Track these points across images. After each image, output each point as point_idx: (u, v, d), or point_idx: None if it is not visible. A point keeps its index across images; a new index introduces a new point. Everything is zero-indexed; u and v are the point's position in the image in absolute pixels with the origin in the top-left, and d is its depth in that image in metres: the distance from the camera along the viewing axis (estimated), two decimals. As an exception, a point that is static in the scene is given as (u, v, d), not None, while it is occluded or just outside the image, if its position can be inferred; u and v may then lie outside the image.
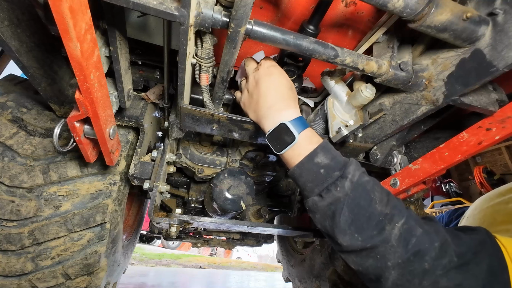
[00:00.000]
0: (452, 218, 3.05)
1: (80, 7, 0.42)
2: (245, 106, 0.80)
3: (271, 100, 0.70)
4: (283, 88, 0.72)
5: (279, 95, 0.70)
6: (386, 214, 0.57)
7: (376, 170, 1.39)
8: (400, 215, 0.58)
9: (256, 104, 0.73)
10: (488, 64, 0.58)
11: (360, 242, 0.57)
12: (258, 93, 0.72)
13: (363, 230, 0.57)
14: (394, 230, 0.56)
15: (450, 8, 0.58)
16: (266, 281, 5.57)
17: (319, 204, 0.62)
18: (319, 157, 0.63)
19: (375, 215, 0.57)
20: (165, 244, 7.82)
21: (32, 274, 0.95)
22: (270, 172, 1.52)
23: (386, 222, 0.57)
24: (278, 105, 0.69)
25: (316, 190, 0.62)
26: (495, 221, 1.33)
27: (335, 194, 0.59)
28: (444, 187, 5.70)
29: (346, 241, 0.58)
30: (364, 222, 0.57)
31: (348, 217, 0.58)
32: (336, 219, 0.59)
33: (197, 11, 0.55)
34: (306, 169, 0.64)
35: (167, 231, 1.63)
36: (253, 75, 0.75)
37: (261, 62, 0.75)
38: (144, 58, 1.04)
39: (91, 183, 1.03)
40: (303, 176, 0.64)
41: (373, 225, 0.56)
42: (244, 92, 0.79)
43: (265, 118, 0.71)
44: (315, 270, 1.92)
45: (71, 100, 0.97)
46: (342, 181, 0.60)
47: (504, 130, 0.65)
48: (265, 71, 0.72)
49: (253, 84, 0.74)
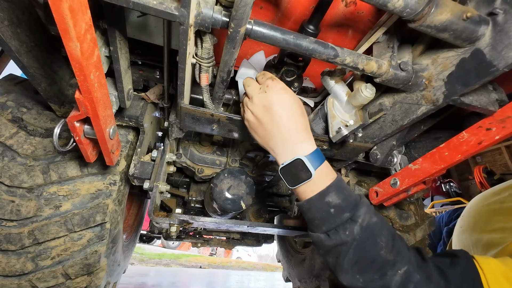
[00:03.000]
0: (452, 218, 3.05)
1: (80, 7, 0.42)
2: (251, 129, 0.73)
3: (285, 131, 0.64)
4: (298, 117, 0.65)
5: (294, 126, 0.64)
6: (389, 261, 0.58)
7: (376, 170, 1.39)
8: (402, 262, 0.59)
9: (265, 132, 0.67)
10: (488, 64, 0.58)
11: (361, 284, 0.58)
12: (269, 121, 0.65)
13: (365, 273, 0.58)
14: (396, 276, 0.57)
15: (450, 8, 0.58)
16: (266, 281, 5.57)
17: (325, 243, 0.62)
18: (330, 196, 0.62)
19: (378, 260, 0.58)
20: (165, 244, 7.82)
21: (32, 274, 0.95)
22: (270, 172, 1.52)
23: (388, 268, 0.58)
24: (294, 138, 0.64)
25: (324, 228, 0.62)
26: (490, 220, 1.34)
27: (343, 237, 0.59)
28: (444, 187, 5.69)
29: (347, 281, 0.59)
30: (367, 266, 0.58)
31: (352, 259, 0.59)
32: (340, 260, 0.60)
33: (197, 11, 0.55)
34: (316, 207, 0.63)
35: (167, 231, 1.63)
36: (260, 99, 0.66)
37: (268, 84, 0.67)
38: (144, 58, 1.04)
39: (91, 183, 1.03)
40: (312, 212, 0.64)
41: (375, 269, 0.58)
42: (248, 113, 0.71)
43: (278, 149, 0.66)
44: (315, 270, 1.92)
45: (71, 100, 0.97)
46: (352, 224, 0.60)
47: (504, 130, 0.65)
48: (276, 97, 0.65)
49: (261, 109, 0.66)
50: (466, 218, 1.56)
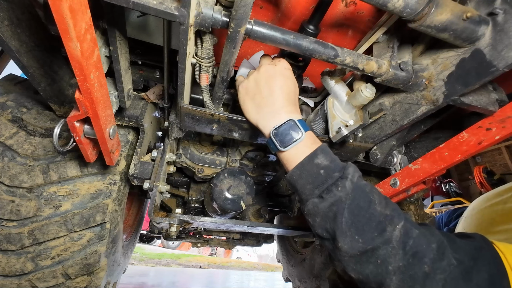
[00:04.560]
0: (451, 218, 3.05)
1: (80, 7, 0.42)
2: (246, 97, 0.75)
3: (283, 100, 0.70)
4: (294, 94, 0.74)
5: (292, 99, 0.72)
6: (386, 215, 0.57)
7: (376, 170, 1.39)
8: (399, 217, 0.58)
9: (262, 98, 0.71)
10: (488, 64, 0.58)
11: (361, 244, 0.56)
12: (270, 88, 0.70)
13: (364, 231, 0.56)
14: (395, 231, 0.56)
15: (450, 8, 0.58)
16: (266, 281, 5.58)
17: (320, 205, 0.61)
18: (319, 158, 0.63)
19: (375, 216, 0.57)
20: (165, 244, 7.82)
21: (32, 274, 0.95)
22: (270, 172, 1.52)
23: (387, 223, 0.56)
24: (289, 107, 0.70)
25: (316, 191, 0.62)
26: (494, 221, 1.34)
27: (337, 193, 0.59)
28: (444, 187, 5.70)
29: (347, 244, 0.57)
30: (364, 224, 0.57)
31: (348, 219, 0.57)
32: (338, 220, 0.58)
33: (197, 11, 0.55)
34: (306, 170, 0.64)
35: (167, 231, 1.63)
36: (266, 68, 0.72)
37: (280, 60, 0.74)
38: (144, 58, 1.04)
39: (91, 183, 1.03)
40: (303, 177, 0.64)
41: (373, 226, 0.56)
42: (249, 81, 0.74)
43: (273, 115, 0.70)
44: (315, 270, 1.92)
45: (71, 100, 0.97)
46: (343, 181, 0.60)
47: (504, 130, 0.65)
48: (283, 71, 0.72)
49: (264, 76, 0.71)
50: (469, 219, 1.55)
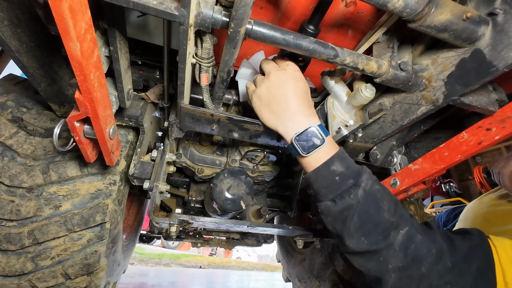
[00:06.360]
0: (450, 218, 3.05)
1: (80, 7, 0.42)
2: (262, 105, 0.75)
3: (299, 105, 0.71)
4: (308, 95, 0.75)
5: (306, 102, 0.73)
6: (392, 222, 0.62)
7: (376, 170, 1.39)
8: (405, 223, 0.62)
9: (278, 105, 0.72)
10: (488, 64, 0.58)
11: (366, 245, 0.61)
12: (284, 94, 0.70)
13: (370, 235, 0.61)
14: (398, 236, 0.61)
15: (450, 8, 0.58)
16: (266, 281, 5.58)
17: (332, 209, 0.65)
18: (335, 165, 0.66)
19: (382, 222, 0.61)
20: (165, 244, 7.82)
21: (32, 274, 0.95)
22: (270, 172, 1.52)
23: (392, 229, 0.61)
24: (307, 111, 0.71)
25: (330, 195, 0.66)
26: (489, 223, 1.34)
27: (348, 201, 0.63)
28: (444, 187, 5.69)
29: (353, 243, 0.63)
30: (371, 229, 0.62)
31: (357, 222, 0.62)
32: (347, 224, 0.63)
33: (197, 11, 0.55)
34: (322, 176, 0.67)
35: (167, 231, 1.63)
36: (278, 74, 0.72)
37: (288, 64, 0.74)
38: (144, 58, 1.04)
39: (91, 183, 1.03)
40: (318, 182, 0.68)
41: (379, 231, 0.61)
42: (262, 89, 0.74)
43: (292, 121, 0.71)
44: (315, 270, 1.92)
45: (71, 100, 0.97)
46: (356, 189, 0.63)
47: (504, 130, 0.65)
48: (293, 75, 0.72)
49: (277, 83, 0.71)
50: (463, 222, 1.57)
